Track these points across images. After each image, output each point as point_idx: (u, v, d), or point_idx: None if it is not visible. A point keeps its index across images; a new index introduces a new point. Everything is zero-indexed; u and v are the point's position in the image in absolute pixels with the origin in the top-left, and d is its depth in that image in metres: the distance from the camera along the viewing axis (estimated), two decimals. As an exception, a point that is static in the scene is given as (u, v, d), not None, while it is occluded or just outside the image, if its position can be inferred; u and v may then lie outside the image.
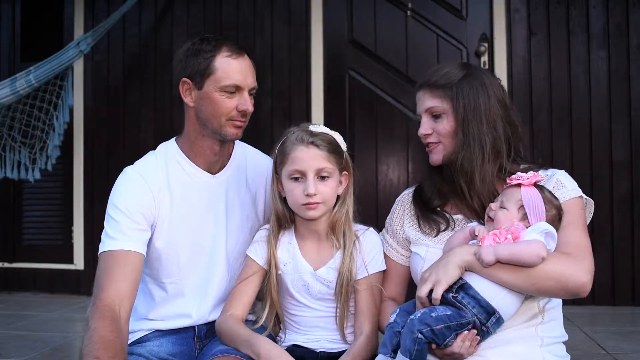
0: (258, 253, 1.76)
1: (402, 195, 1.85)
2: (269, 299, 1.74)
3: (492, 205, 1.55)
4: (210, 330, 1.82)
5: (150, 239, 1.76)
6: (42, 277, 4.32)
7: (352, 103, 4.03)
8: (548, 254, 1.46)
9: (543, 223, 1.48)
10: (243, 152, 1.92)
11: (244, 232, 1.85)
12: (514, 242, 1.46)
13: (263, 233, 1.78)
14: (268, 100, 4.04)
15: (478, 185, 1.61)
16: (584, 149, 3.74)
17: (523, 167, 1.64)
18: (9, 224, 4.39)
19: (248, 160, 1.91)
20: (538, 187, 1.54)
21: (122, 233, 1.68)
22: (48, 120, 3.83)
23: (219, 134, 1.76)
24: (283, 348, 1.66)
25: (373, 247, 1.75)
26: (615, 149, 3.72)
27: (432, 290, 1.47)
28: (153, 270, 1.82)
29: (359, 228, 1.76)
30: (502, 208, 1.53)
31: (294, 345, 1.72)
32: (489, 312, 1.45)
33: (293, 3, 4.07)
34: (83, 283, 4.14)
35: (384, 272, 1.77)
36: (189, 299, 1.82)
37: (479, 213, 1.62)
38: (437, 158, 1.68)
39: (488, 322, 1.46)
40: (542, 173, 1.60)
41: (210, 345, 1.76)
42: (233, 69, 1.73)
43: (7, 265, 4.38)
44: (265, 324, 1.76)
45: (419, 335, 1.40)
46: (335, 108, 4.02)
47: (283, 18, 4.08)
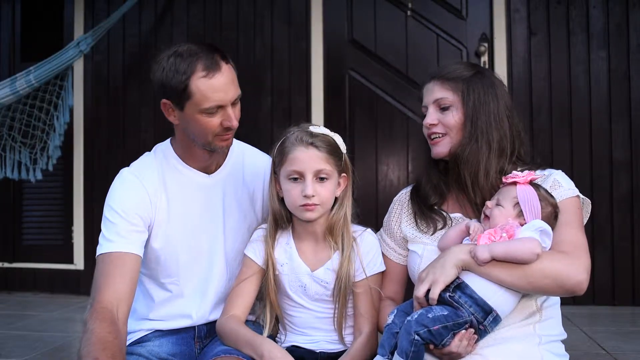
0: (256, 252, 1.75)
1: (399, 195, 1.86)
2: (268, 300, 1.74)
3: (488, 203, 1.57)
4: (211, 330, 1.82)
5: (148, 240, 1.76)
6: (42, 277, 4.32)
7: (352, 103, 4.03)
8: (545, 253, 1.47)
9: (538, 221, 1.50)
10: (240, 150, 1.91)
11: (242, 231, 1.85)
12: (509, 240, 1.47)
13: (260, 232, 1.78)
14: (268, 100, 4.04)
15: (481, 180, 1.62)
16: (584, 149, 3.74)
17: (520, 169, 1.65)
18: (9, 224, 4.40)
19: (245, 159, 1.90)
20: (533, 185, 1.55)
21: (118, 235, 1.68)
22: (48, 121, 3.83)
23: (209, 147, 1.75)
24: (284, 349, 1.65)
25: (371, 249, 1.74)
26: (615, 149, 3.72)
27: (429, 290, 1.47)
28: (152, 271, 1.82)
29: (357, 229, 1.76)
30: (498, 205, 1.54)
31: (294, 346, 1.72)
32: (486, 311, 1.46)
33: (293, 3, 4.07)
34: (83, 283, 4.14)
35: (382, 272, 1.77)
36: (189, 300, 1.82)
37: (480, 209, 1.63)
38: (441, 150, 1.68)
39: (485, 320, 1.46)
40: (539, 173, 1.62)
41: (212, 345, 1.76)
42: (211, 90, 1.64)
43: (7, 265, 4.38)
44: (265, 324, 1.75)
45: (416, 337, 1.41)
46: (335, 108, 4.02)
47: (283, 18, 4.08)
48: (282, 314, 1.77)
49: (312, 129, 1.68)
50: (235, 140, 1.90)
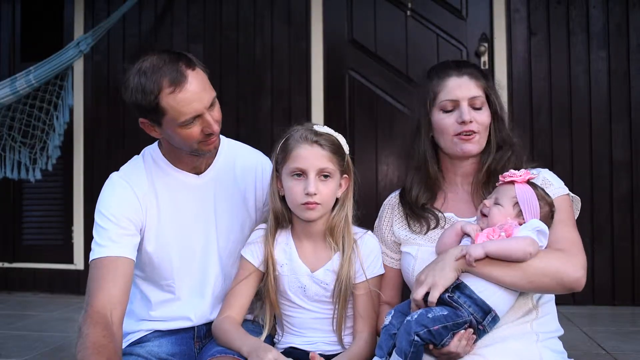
0: (254, 254, 1.75)
1: (388, 199, 1.86)
2: (268, 300, 1.74)
3: (485, 202, 1.56)
4: (210, 330, 1.81)
5: (141, 244, 1.76)
6: (42, 277, 4.32)
7: (352, 103, 4.03)
8: (543, 251, 1.48)
9: (536, 220, 1.50)
10: (229, 148, 1.90)
11: (235, 229, 1.84)
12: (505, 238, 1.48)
13: (259, 233, 1.77)
14: (268, 100, 4.04)
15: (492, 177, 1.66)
16: (584, 149, 3.74)
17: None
18: (9, 224, 4.39)
19: (236, 156, 1.89)
20: (531, 184, 1.56)
21: (110, 240, 1.68)
22: (48, 120, 3.83)
23: (196, 153, 1.74)
24: (279, 350, 1.65)
25: (371, 251, 1.74)
26: (615, 149, 3.71)
27: (427, 293, 1.47)
28: (147, 274, 1.82)
29: (357, 231, 1.76)
30: (496, 204, 1.54)
31: (291, 347, 1.72)
32: (485, 310, 1.46)
33: (293, 3, 4.07)
34: (83, 283, 4.07)
35: None
36: (186, 301, 1.82)
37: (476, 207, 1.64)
38: (473, 148, 1.67)
39: (484, 320, 1.46)
40: (534, 172, 1.63)
41: (209, 345, 1.76)
42: (183, 103, 1.60)
43: (7, 265, 4.38)
44: (265, 324, 1.75)
45: (416, 338, 1.41)
46: (335, 108, 4.02)
47: (283, 18, 4.08)
48: (280, 315, 1.77)
49: (316, 128, 1.68)
50: (225, 138, 1.89)
